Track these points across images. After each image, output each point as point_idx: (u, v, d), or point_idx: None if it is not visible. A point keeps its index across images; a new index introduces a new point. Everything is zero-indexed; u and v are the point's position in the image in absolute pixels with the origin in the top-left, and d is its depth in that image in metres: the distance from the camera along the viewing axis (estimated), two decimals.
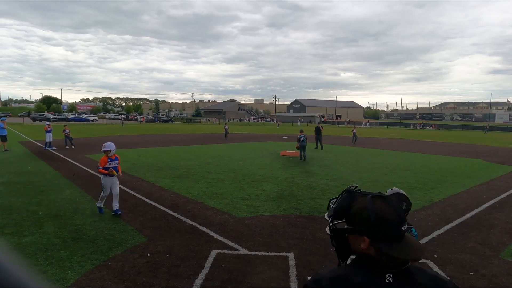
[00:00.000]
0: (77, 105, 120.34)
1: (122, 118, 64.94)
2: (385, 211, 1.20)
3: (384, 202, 1.23)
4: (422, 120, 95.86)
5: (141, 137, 30.19)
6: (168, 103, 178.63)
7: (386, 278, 1.18)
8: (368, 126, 70.18)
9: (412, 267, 1.21)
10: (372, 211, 1.20)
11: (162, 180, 11.10)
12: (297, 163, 15.65)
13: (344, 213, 1.29)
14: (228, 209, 7.89)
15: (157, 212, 7.64)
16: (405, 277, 1.18)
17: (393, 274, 1.18)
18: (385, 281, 1.17)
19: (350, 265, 1.27)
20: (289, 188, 10.15)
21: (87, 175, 11.86)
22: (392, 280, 1.17)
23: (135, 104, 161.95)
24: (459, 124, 73.35)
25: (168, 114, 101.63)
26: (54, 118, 66.50)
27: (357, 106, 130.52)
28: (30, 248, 5.48)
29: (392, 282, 1.17)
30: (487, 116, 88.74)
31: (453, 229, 6.77)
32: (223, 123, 57.96)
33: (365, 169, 13.98)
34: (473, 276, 4.79)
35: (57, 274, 4.63)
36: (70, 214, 7.32)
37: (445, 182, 11.42)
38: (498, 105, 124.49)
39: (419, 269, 1.23)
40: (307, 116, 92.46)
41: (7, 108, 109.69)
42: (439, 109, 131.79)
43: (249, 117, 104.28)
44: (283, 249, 5.64)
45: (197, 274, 4.69)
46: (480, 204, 8.68)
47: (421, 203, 8.57)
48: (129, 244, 5.71)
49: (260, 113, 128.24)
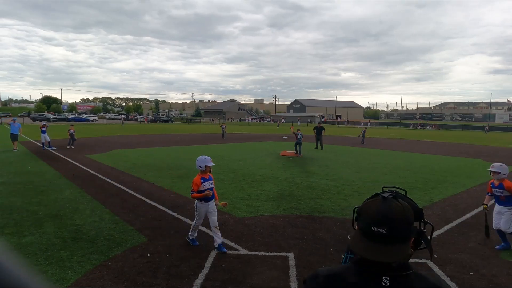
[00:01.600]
0: (77, 105, 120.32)
1: (122, 118, 65.03)
2: (372, 207, 1.20)
3: (381, 200, 1.20)
4: (422, 120, 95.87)
5: (141, 137, 30.19)
6: (168, 103, 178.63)
7: (382, 280, 1.15)
8: (369, 126, 70.19)
9: (414, 274, 1.17)
10: (364, 203, 1.24)
11: (162, 180, 11.10)
12: (297, 163, 15.65)
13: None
14: (228, 209, 7.88)
15: (157, 212, 7.64)
16: (403, 282, 1.14)
17: (390, 277, 1.15)
18: (381, 284, 1.14)
19: (350, 264, 1.27)
20: (289, 188, 10.15)
21: (87, 175, 11.86)
22: (389, 284, 1.14)
23: (135, 104, 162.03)
24: (459, 124, 73.34)
25: (168, 114, 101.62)
26: (54, 118, 66.53)
27: (357, 106, 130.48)
28: (30, 248, 5.48)
29: (388, 286, 1.14)
30: (487, 116, 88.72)
31: (453, 229, 6.77)
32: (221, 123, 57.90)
33: (365, 169, 13.98)
34: (473, 276, 4.79)
35: (57, 274, 4.63)
36: (70, 214, 7.32)
37: (445, 182, 11.42)
38: (498, 105, 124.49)
39: (421, 276, 1.18)
40: (307, 116, 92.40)
41: (7, 108, 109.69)
42: (439, 109, 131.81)
43: (249, 117, 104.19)
44: (283, 249, 5.64)
45: (197, 274, 4.69)
46: (480, 204, 8.64)
47: (421, 203, 8.57)
48: (129, 244, 5.71)
49: (260, 113, 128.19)
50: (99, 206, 7.98)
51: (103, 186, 10.23)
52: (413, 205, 1.24)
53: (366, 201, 1.25)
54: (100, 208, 7.82)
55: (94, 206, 7.98)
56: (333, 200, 8.84)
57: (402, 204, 1.19)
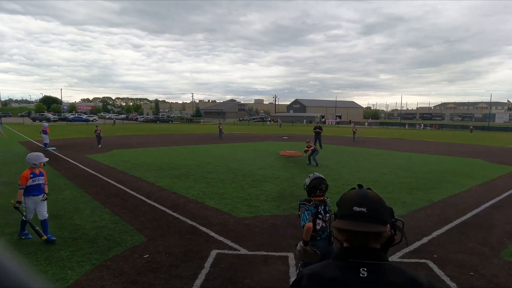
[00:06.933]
0: (77, 105, 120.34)
1: (114, 118, 65.03)
2: (351, 193, 1.36)
3: (358, 187, 1.39)
4: (421, 120, 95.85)
5: (141, 137, 30.19)
6: (168, 103, 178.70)
7: (360, 272, 1.21)
8: (368, 126, 70.20)
9: (389, 266, 1.24)
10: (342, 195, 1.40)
11: (162, 180, 11.10)
12: (297, 163, 15.66)
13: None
14: (228, 209, 7.89)
15: (157, 212, 7.64)
16: (380, 273, 1.21)
17: (368, 268, 1.21)
18: (359, 275, 1.20)
19: (329, 260, 1.33)
20: (289, 188, 10.15)
21: (87, 175, 11.86)
22: (366, 275, 1.20)
23: (135, 104, 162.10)
24: (459, 124, 73.31)
25: (168, 114, 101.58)
26: (54, 118, 66.54)
27: (357, 106, 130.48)
28: (30, 248, 5.49)
29: (366, 276, 1.20)
30: (487, 116, 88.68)
31: (453, 229, 6.77)
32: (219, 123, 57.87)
33: (365, 169, 13.98)
34: (473, 276, 4.79)
35: (57, 274, 4.63)
36: (70, 214, 7.32)
37: (445, 182, 11.42)
38: (498, 105, 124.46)
39: (397, 268, 1.25)
40: (307, 116, 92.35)
41: (7, 108, 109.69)
42: (439, 109, 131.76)
43: (249, 117, 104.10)
44: (283, 249, 5.64)
45: (197, 274, 4.69)
46: (480, 204, 8.68)
47: (421, 203, 8.57)
48: (129, 244, 5.71)
49: (260, 113, 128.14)
50: (99, 206, 7.98)
51: (103, 186, 10.23)
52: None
53: (342, 195, 1.41)
54: (100, 208, 7.82)
55: (94, 206, 7.98)
56: (333, 200, 8.82)
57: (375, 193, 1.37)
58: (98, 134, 21.25)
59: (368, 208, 1.27)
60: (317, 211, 3.69)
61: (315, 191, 3.78)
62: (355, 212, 1.27)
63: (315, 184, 3.79)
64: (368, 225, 1.24)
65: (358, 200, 1.29)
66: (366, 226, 1.24)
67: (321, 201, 3.77)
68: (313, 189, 3.79)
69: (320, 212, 3.71)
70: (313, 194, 3.79)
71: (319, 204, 3.73)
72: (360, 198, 1.30)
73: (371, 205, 1.28)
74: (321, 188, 3.78)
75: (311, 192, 3.80)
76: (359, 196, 1.31)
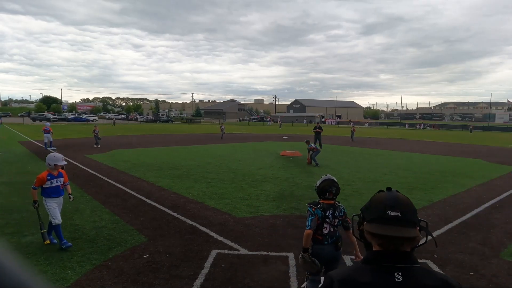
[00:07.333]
0: (77, 105, 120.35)
1: (113, 118, 65.19)
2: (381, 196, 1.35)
3: (387, 191, 1.37)
4: (421, 120, 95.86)
5: (141, 137, 30.19)
6: (168, 103, 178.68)
7: (395, 276, 1.20)
8: (368, 126, 70.19)
9: (421, 269, 1.24)
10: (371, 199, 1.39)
11: (162, 180, 11.10)
12: (297, 163, 15.66)
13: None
14: (228, 209, 7.89)
15: (157, 212, 7.64)
16: (413, 277, 1.21)
17: (402, 272, 1.21)
18: (394, 280, 1.20)
19: (360, 264, 1.31)
20: (289, 188, 10.15)
21: (87, 175, 11.86)
22: (402, 279, 1.20)
23: (135, 104, 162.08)
24: (459, 124, 73.32)
25: (168, 114, 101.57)
26: (54, 118, 66.53)
27: (357, 106, 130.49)
28: (30, 248, 5.49)
29: (401, 281, 1.19)
30: (487, 116, 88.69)
31: (453, 229, 6.77)
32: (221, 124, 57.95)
33: (365, 169, 13.98)
34: (473, 276, 4.79)
35: (57, 274, 4.63)
36: (70, 214, 7.32)
37: (445, 182, 11.42)
38: (498, 105, 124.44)
39: (428, 270, 1.26)
40: (307, 116, 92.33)
41: (7, 108, 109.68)
42: (439, 109, 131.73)
43: (249, 117, 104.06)
44: (283, 249, 5.64)
45: (197, 274, 4.69)
46: (480, 204, 8.68)
47: (421, 203, 8.57)
48: (129, 244, 5.71)
49: (260, 113, 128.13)
50: (99, 206, 7.98)
51: (103, 186, 10.23)
52: None
53: (372, 198, 1.39)
54: (100, 208, 7.82)
55: (94, 206, 7.98)
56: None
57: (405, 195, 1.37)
58: (96, 134, 21.29)
59: (402, 212, 1.27)
60: (325, 215, 3.54)
61: (324, 193, 3.61)
62: (390, 216, 1.26)
63: (324, 186, 3.61)
64: (404, 230, 1.25)
65: (391, 204, 1.29)
66: (403, 231, 1.25)
67: (330, 205, 3.58)
68: (322, 191, 3.62)
69: (328, 216, 3.54)
70: (322, 196, 3.63)
71: (327, 208, 3.56)
72: (393, 202, 1.29)
73: (405, 209, 1.28)
74: (331, 191, 3.59)
75: (321, 194, 3.64)
76: (392, 199, 1.31)
